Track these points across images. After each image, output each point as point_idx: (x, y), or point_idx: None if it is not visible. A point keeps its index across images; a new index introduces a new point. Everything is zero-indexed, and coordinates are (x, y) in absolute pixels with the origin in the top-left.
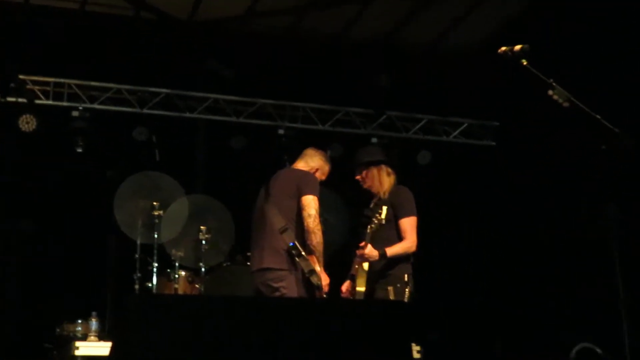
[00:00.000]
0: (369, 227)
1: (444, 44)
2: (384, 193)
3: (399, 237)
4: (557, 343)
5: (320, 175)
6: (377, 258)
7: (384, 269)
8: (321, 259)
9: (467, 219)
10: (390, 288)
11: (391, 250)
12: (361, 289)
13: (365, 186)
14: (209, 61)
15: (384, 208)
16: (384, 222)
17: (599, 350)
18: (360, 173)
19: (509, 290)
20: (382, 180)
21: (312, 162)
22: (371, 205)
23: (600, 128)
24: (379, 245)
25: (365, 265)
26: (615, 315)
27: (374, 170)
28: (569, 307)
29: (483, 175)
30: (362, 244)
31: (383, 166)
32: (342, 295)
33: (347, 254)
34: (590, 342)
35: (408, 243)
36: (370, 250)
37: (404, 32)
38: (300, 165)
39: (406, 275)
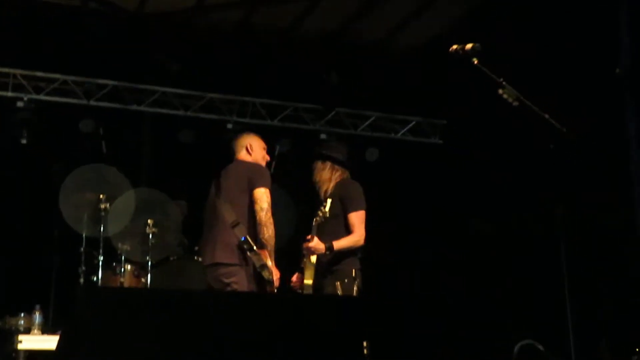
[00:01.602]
0: (314, 220)
1: (394, 41)
2: (323, 189)
3: (347, 231)
4: (501, 340)
5: (258, 149)
6: (323, 251)
7: (332, 263)
8: (273, 253)
9: (415, 216)
10: (338, 283)
11: (338, 244)
12: (309, 281)
13: (313, 178)
14: (156, 54)
15: (329, 201)
16: (327, 215)
17: (540, 347)
18: (313, 165)
19: (455, 287)
20: (322, 175)
21: (243, 144)
22: (320, 199)
23: (549, 127)
24: (327, 238)
25: (313, 259)
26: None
27: (319, 164)
28: (517, 305)
29: (431, 173)
30: (309, 237)
31: (329, 162)
32: (292, 286)
33: (295, 248)
34: (532, 339)
35: (356, 237)
36: (316, 243)
37: (355, 29)
38: (242, 155)
39: (354, 271)
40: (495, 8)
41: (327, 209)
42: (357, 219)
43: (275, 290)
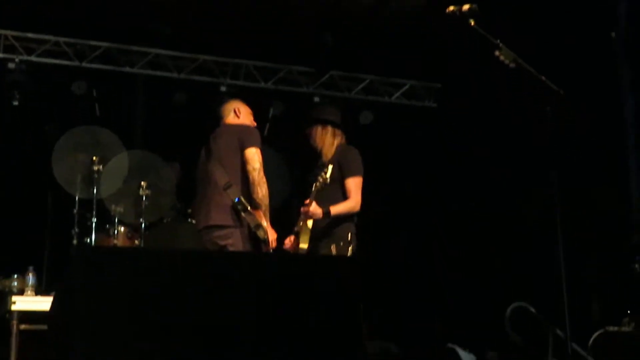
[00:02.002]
0: (314, 185)
1: (389, 3)
2: (325, 154)
3: (344, 197)
4: (493, 302)
5: (245, 114)
6: (321, 216)
7: (327, 227)
8: (267, 212)
9: (408, 179)
10: (333, 246)
11: (335, 209)
12: (304, 246)
13: (312, 143)
14: (149, 16)
15: (330, 167)
16: (328, 181)
17: (532, 310)
18: (309, 128)
19: (449, 251)
20: (324, 140)
21: (231, 107)
22: (318, 164)
23: (546, 90)
24: (324, 203)
25: (309, 223)
26: (556, 280)
27: (319, 129)
28: (511, 270)
29: (425, 137)
30: (307, 201)
31: (329, 127)
32: (286, 249)
33: (289, 211)
34: (525, 302)
35: (352, 202)
36: (314, 208)
37: None
38: (230, 119)
39: (349, 234)
40: None
41: (328, 175)
42: (354, 185)
43: (272, 251)
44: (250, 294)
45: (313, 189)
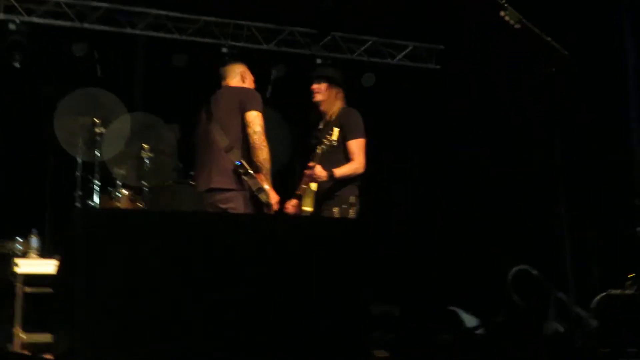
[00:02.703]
0: (318, 147)
1: None
2: (331, 115)
3: (347, 159)
4: (495, 266)
5: (250, 81)
6: (325, 178)
7: (330, 190)
8: (269, 175)
9: (410, 142)
10: (335, 209)
11: (339, 171)
12: (308, 208)
13: (316, 99)
14: None
15: (335, 130)
16: (335, 143)
17: (535, 272)
18: (318, 84)
19: (451, 214)
20: (335, 101)
21: (237, 70)
22: (320, 126)
23: (551, 51)
24: (328, 166)
25: (313, 186)
26: (559, 243)
27: (333, 90)
28: (513, 233)
29: (427, 99)
30: (311, 164)
31: (334, 86)
32: (288, 212)
33: (291, 174)
34: (526, 265)
35: (356, 164)
36: (319, 170)
37: None
38: (232, 82)
39: (352, 197)
40: None
41: (334, 137)
42: (357, 147)
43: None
44: (253, 256)
45: (318, 151)
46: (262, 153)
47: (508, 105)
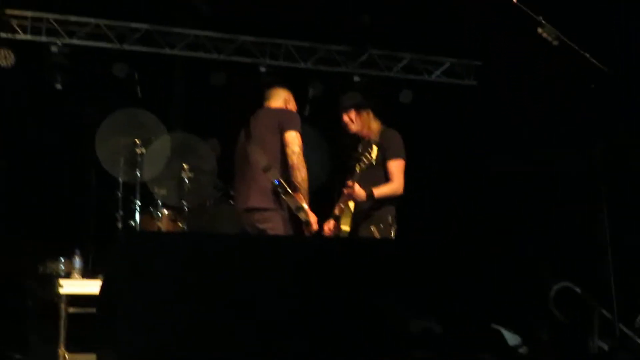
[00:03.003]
0: (357, 166)
1: None
2: (370, 137)
3: (386, 179)
4: (537, 283)
5: (292, 108)
6: (364, 198)
7: (369, 209)
8: (307, 196)
9: (449, 158)
10: (373, 228)
11: (378, 191)
12: (346, 228)
13: (353, 130)
14: None
15: (375, 148)
16: (374, 162)
17: (578, 290)
18: (349, 115)
19: (492, 230)
20: (371, 124)
21: (282, 95)
22: (359, 147)
23: (589, 66)
24: (366, 185)
25: (351, 205)
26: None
27: (364, 114)
28: (554, 248)
29: (465, 115)
30: (350, 183)
31: (370, 111)
32: (325, 234)
33: (328, 193)
34: (569, 282)
35: (395, 185)
36: (358, 190)
37: None
38: (273, 103)
39: (390, 217)
40: None
41: (373, 155)
42: (397, 167)
43: (313, 232)
44: (293, 276)
45: (357, 170)
46: (301, 173)
47: (547, 120)
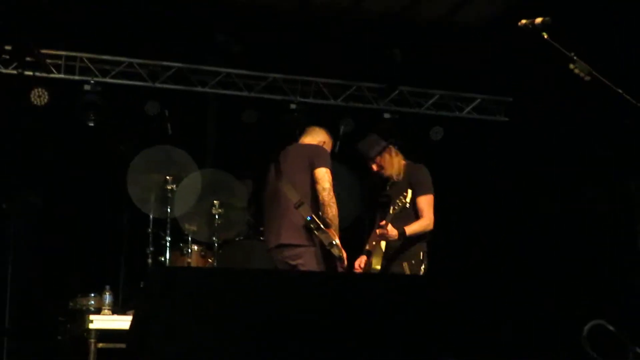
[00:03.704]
0: (392, 208)
1: (458, 17)
2: (397, 175)
3: (416, 215)
4: (569, 321)
5: (328, 145)
6: (397, 237)
7: (400, 246)
8: (337, 232)
9: (481, 195)
10: (405, 264)
11: (410, 229)
12: (377, 267)
13: (386, 174)
14: (218, 35)
15: (409, 191)
16: (408, 205)
17: (611, 328)
18: (375, 165)
19: (523, 266)
20: (393, 162)
21: (318, 137)
22: (388, 187)
23: (622, 102)
24: (397, 223)
25: (383, 244)
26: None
27: (386, 156)
28: (586, 285)
29: (496, 152)
30: (383, 222)
31: (391, 147)
32: (356, 271)
33: (358, 229)
34: (603, 320)
35: (426, 221)
36: (391, 230)
37: (418, 5)
38: (307, 140)
39: (422, 253)
40: None
41: (407, 199)
42: (427, 203)
43: (346, 268)
44: (326, 313)
45: (391, 212)
46: (332, 210)
47: (580, 156)
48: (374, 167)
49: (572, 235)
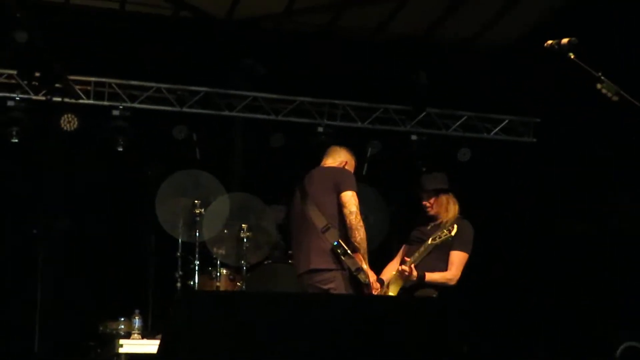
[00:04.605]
0: (434, 238)
1: (484, 38)
2: (448, 221)
3: (445, 266)
4: (602, 342)
5: (350, 169)
6: (415, 279)
7: (415, 286)
8: (366, 255)
9: (508, 217)
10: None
11: (430, 276)
12: (393, 295)
13: (432, 212)
14: (244, 60)
15: (455, 226)
16: (451, 239)
17: None
18: (429, 199)
19: (552, 287)
20: (449, 208)
21: (339, 158)
22: (429, 227)
23: None
24: (423, 266)
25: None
26: None
27: (444, 198)
28: (615, 305)
29: (524, 173)
30: (408, 260)
31: (451, 194)
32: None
33: (387, 251)
34: (636, 341)
35: (450, 275)
36: (411, 271)
37: (443, 27)
38: (329, 162)
39: (433, 295)
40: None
41: (453, 232)
42: (459, 259)
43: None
44: (354, 337)
45: (430, 241)
46: (359, 233)
47: (608, 177)
48: (430, 206)
49: (601, 255)
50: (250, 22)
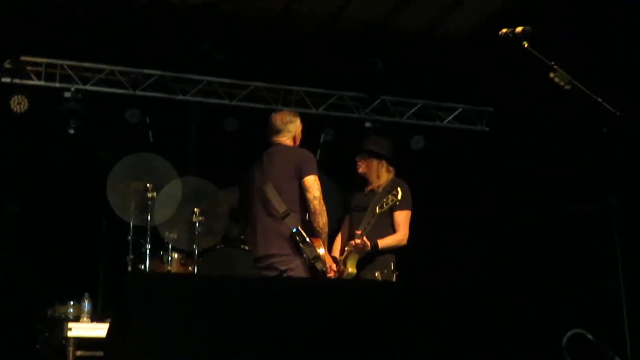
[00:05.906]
0: (379, 207)
1: (440, 27)
2: (378, 187)
3: (392, 229)
4: (548, 330)
5: (299, 134)
6: (369, 249)
7: (372, 255)
8: (326, 240)
9: (459, 205)
10: (377, 273)
11: (383, 243)
12: (352, 270)
13: (359, 171)
14: (201, 44)
15: (399, 189)
16: (399, 202)
17: (590, 337)
18: (360, 159)
19: (502, 276)
20: (380, 174)
21: (291, 130)
22: (364, 194)
23: (602, 111)
24: (372, 235)
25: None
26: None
27: (374, 162)
28: (565, 297)
29: (477, 162)
30: (358, 232)
31: (384, 162)
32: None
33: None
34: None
35: (400, 236)
36: (365, 241)
37: (400, 15)
38: (284, 139)
39: (392, 263)
40: None
41: (399, 197)
42: (403, 218)
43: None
44: (302, 319)
45: (377, 211)
46: (322, 218)
47: (560, 167)
48: (360, 166)
49: (551, 243)
50: (206, 7)
